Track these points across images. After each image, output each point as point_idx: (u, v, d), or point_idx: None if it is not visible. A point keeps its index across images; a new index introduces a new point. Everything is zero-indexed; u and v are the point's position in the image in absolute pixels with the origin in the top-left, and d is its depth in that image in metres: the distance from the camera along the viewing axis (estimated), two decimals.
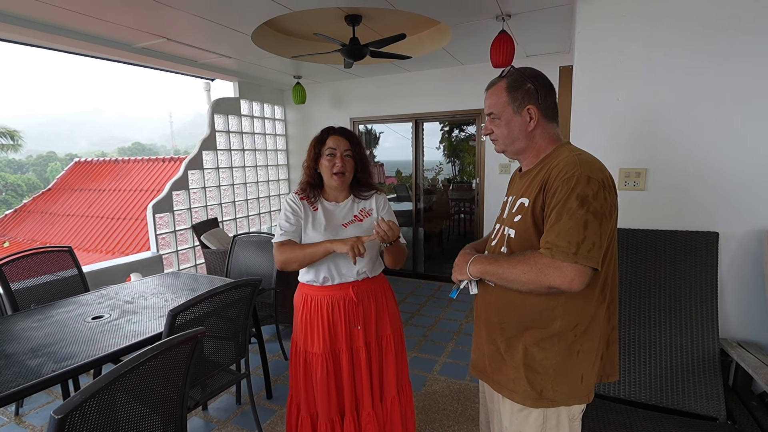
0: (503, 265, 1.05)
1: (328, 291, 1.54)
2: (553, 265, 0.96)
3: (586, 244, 0.94)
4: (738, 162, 1.74)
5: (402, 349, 1.69)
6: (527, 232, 1.06)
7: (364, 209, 1.60)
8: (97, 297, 2.20)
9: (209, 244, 3.66)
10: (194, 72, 4.01)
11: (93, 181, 9.53)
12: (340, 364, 1.55)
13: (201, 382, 1.81)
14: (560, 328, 1.05)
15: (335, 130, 1.58)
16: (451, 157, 4.99)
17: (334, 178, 1.53)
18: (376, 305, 1.59)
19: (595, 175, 0.98)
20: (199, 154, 4.10)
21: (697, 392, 1.68)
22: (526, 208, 1.07)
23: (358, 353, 1.56)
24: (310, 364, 1.55)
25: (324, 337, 1.52)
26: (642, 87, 1.87)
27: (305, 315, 1.56)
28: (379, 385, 1.61)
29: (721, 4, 1.70)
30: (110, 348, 1.59)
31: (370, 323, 1.58)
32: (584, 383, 1.07)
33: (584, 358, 1.07)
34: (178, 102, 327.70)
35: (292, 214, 1.54)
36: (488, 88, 1.17)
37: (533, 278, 0.98)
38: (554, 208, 0.99)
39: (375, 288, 1.60)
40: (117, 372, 1.02)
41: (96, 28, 2.78)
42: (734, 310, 1.81)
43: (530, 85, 1.09)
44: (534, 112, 1.09)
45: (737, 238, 1.77)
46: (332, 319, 1.53)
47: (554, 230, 0.97)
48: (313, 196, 1.58)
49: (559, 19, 2.80)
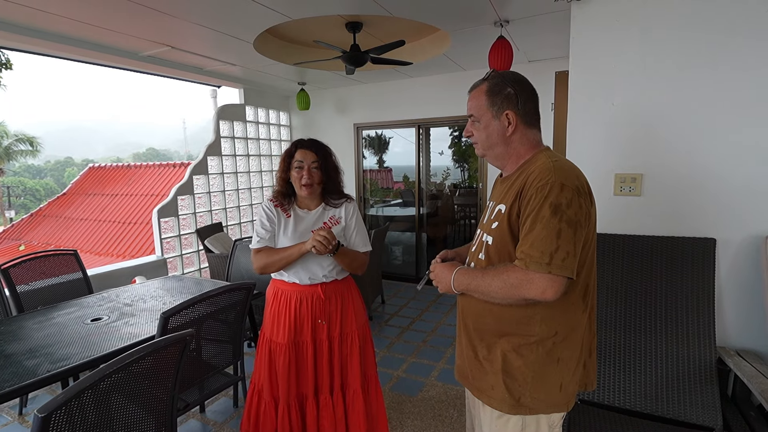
0: (482, 279, 1.04)
1: (298, 288, 1.65)
2: (526, 277, 0.96)
3: (559, 253, 0.94)
4: (735, 167, 1.71)
5: (368, 345, 1.79)
6: (503, 240, 1.06)
7: (333, 217, 1.71)
8: (98, 299, 2.25)
9: (213, 248, 3.71)
10: (201, 79, 4.10)
11: (106, 186, 9.74)
12: (304, 355, 1.66)
13: (197, 384, 1.83)
14: (539, 336, 1.04)
15: (304, 143, 1.67)
16: (460, 161, 4.99)
17: (303, 189, 1.64)
18: (342, 303, 1.71)
19: (569, 182, 0.98)
20: (204, 160, 4.17)
21: (694, 401, 1.65)
22: (502, 214, 1.07)
23: (321, 346, 1.67)
24: (274, 352, 1.66)
25: (289, 329, 1.64)
26: (637, 91, 1.85)
27: (274, 307, 1.69)
28: (340, 376, 1.70)
29: (716, 9, 1.68)
30: (106, 350, 1.62)
31: (336, 320, 1.69)
32: (563, 391, 1.06)
33: (564, 366, 1.06)
34: (191, 108, 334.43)
35: (267, 220, 1.66)
36: (470, 91, 1.17)
37: (509, 292, 0.99)
38: (528, 216, 0.98)
39: (341, 288, 1.72)
40: (102, 372, 1.05)
41: (105, 38, 2.87)
42: (732, 318, 1.78)
43: (510, 90, 1.09)
44: (512, 117, 1.09)
45: (735, 245, 1.74)
46: (299, 313, 1.64)
47: (528, 240, 0.97)
48: (287, 203, 1.69)
49: (558, 25, 2.80)
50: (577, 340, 1.08)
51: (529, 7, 2.47)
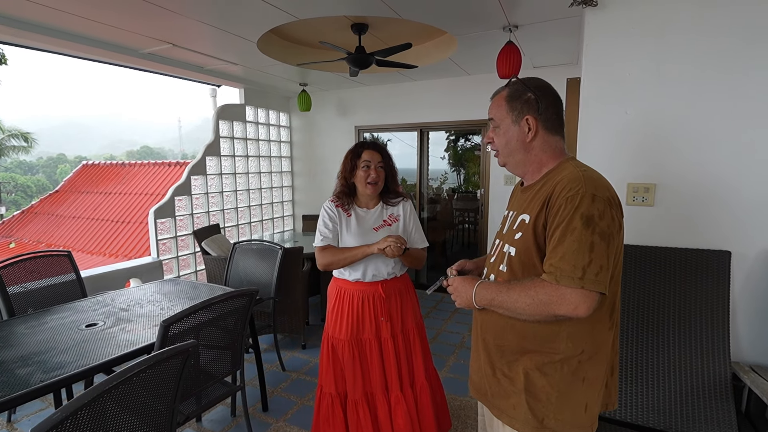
0: (508, 295, 1.00)
1: (359, 286, 1.73)
2: (556, 293, 0.91)
3: (592, 267, 0.89)
4: (751, 178, 1.68)
5: (425, 339, 1.87)
6: (528, 251, 1.01)
7: (392, 215, 1.78)
8: (92, 303, 2.18)
9: (210, 250, 3.63)
10: (200, 78, 4.03)
11: (100, 184, 9.60)
12: (368, 352, 1.72)
13: (195, 394, 1.76)
14: (564, 354, 0.99)
15: (369, 145, 1.76)
16: (456, 166, 4.95)
17: (368, 187, 1.71)
18: (401, 301, 1.78)
19: (600, 193, 0.94)
20: (202, 160, 4.10)
21: (709, 418, 1.61)
22: (526, 225, 1.03)
23: (387, 344, 1.73)
24: (335, 348, 1.74)
25: (351, 326, 1.71)
26: (651, 100, 1.82)
27: (337, 305, 1.76)
28: (408, 371, 1.77)
29: (732, 16, 1.66)
30: (102, 358, 1.55)
31: (396, 317, 1.76)
32: (588, 412, 1.02)
33: (589, 386, 1.02)
34: (186, 107, 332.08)
35: (330, 220, 1.73)
36: (492, 97, 1.16)
37: (538, 309, 0.94)
38: (557, 227, 0.94)
39: (400, 286, 1.79)
40: (101, 388, 0.99)
41: (104, 34, 2.79)
42: (746, 333, 1.74)
43: (530, 95, 1.06)
44: (532, 122, 1.06)
45: (750, 259, 1.71)
46: (361, 311, 1.71)
47: (558, 252, 0.93)
48: (347, 203, 1.76)
49: (567, 31, 2.77)
50: (603, 359, 1.04)
51: (540, 12, 2.44)
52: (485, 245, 4.33)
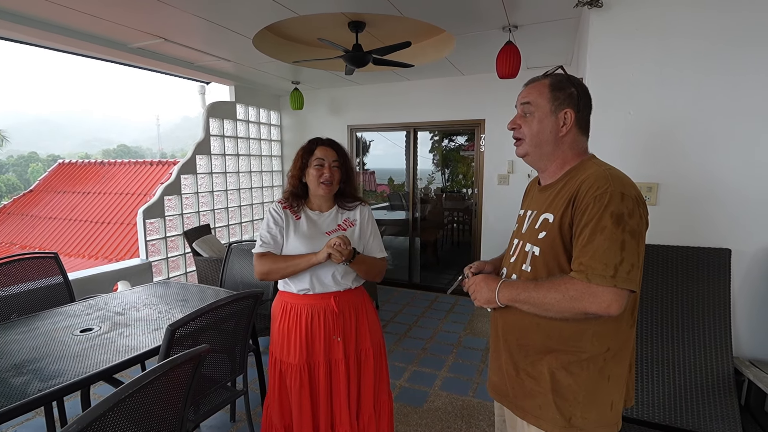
0: (536, 291, 0.98)
1: (308, 300, 1.52)
2: (588, 290, 0.91)
3: (624, 265, 0.89)
4: (751, 178, 1.73)
5: (382, 363, 1.67)
6: (554, 250, 1.01)
7: (347, 219, 1.62)
8: (85, 307, 2.08)
9: (201, 251, 3.54)
10: (190, 74, 3.92)
11: (77, 184, 9.25)
12: (317, 377, 1.52)
13: (198, 400, 1.71)
14: (591, 352, 0.99)
15: (323, 141, 1.61)
16: (441, 166, 4.97)
17: (321, 187, 1.55)
18: (356, 317, 1.58)
19: (628, 191, 0.94)
20: (192, 159, 3.99)
21: (712, 413, 1.65)
22: (551, 224, 1.02)
23: (337, 366, 1.53)
24: (285, 374, 1.53)
25: (300, 348, 1.50)
26: (654, 101, 1.85)
27: (283, 324, 1.54)
28: (356, 400, 1.58)
29: (734, 18, 1.70)
30: (102, 364, 1.48)
31: (351, 336, 1.56)
32: (614, 410, 1.02)
33: (614, 384, 1.02)
34: (165, 105, 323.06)
35: (274, 224, 1.55)
36: (528, 84, 1.11)
37: (568, 305, 0.93)
38: (586, 226, 0.93)
39: (356, 300, 1.59)
40: (116, 397, 0.93)
41: (91, 27, 2.68)
42: (745, 329, 1.79)
43: (574, 90, 1.05)
44: (570, 116, 1.04)
45: (749, 256, 1.76)
46: (311, 329, 1.51)
47: (588, 251, 0.92)
48: (297, 205, 1.59)
49: (563, 32, 2.81)
50: (626, 357, 1.04)
51: (541, 13, 2.46)
52: (480, 245, 4.35)
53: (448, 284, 4.70)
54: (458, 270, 1.35)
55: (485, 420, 2.27)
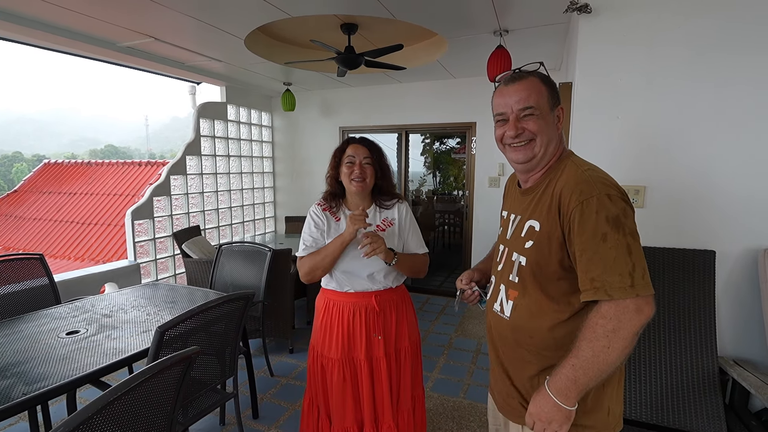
0: (585, 362, 0.87)
1: (350, 298, 1.55)
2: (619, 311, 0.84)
3: (638, 271, 0.84)
4: (734, 182, 1.77)
5: (418, 360, 1.70)
6: (543, 261, 0.97)
7: (386, 219, 1.61)
8: (71, 310, 2.05)
9: (191, 252, 3.50)
10: (180, 74, 3.89)
11: (63, 184, 9.09)
12: (359, 374, 1.55)
13: (185, 404, 1.68)
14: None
15: (355, 140, 1.62)
16: (432, 168, 5.00)
17: (353, 184, 1.55)
18: (397, 316, 1.61)
19: (613, 191, 0.90)
20: (182, 159, 3.95)
21: (698, 411, 1.68)
22: (537, 233, 0.98)
23: (379, 364, 1.55)
24: (326, 368, 1.57)
25: (342, 343, 1.53)
26: (642, 106, 1.89)
27: (325, 319, 1.58)
28: (397, 397, 1.62)
29: (719, 27, 1.74)
30: (89, 367, 1.45)
31: (391, 334, 1.59)
32: (611, 414, 1.02)
33: (609, 389, 1.01)
34: (154, 105, 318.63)
35: (315, 227, 1.58)
36: (513, 82, 1.01)
37: (619, 342, 0.85)
38: (582, 235, 0.88)
39: (396, 298, 1.61)
40: (104, 400, 0.92)
41: (79, 25, 2.64)
42: (729, 329, 1.83)
43: (556, 87, 1.04)
44: (562, 113, 1.02)
45: (733, 257, 1.79)
46: (351, 326, 1.54)
47: (596, 265, 0.86)
48: (335, 205, 1.61)
49: (553, 37, 2.85)
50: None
51: (531, 18, 2.49)
52: (471, 247, 4.38)
53: (440, 286, 4.72)
54: (451, 271, 1.35)
55: (476, 421, 2.28)
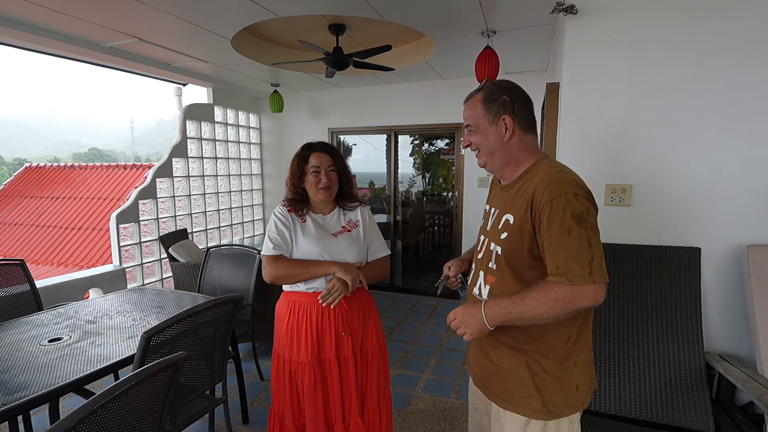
0: (524, 305, 0.99)
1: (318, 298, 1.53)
2: (575, 291, 0.95)
3: (596, 261, 0.96)
4: (718, 179, 1.80)
5: (385, 360, 1.71)
6: (515, 250, 1.06)
7: (351, 221, 1.65)
8: (53, 316, 1.99)
9: (178, 256, 3.44)
10: (166, 75, 3.83)
11: (45, 188, 8.87)
12: (328, 374, 1.55)
13: (173, 411, 1.65)
14: (554, 342, 1.07)
15: (316, 147, 1.61)
16: (421, 170, 5.01)
17: (320, 192, 1.57)
18: (364, 315, 1.62)
19: (579, 191, 1.00)
20: (168, 162, 3.89)
21: (686, 406, 1.70)
22: (511, 225, 1.07)
23: (347, 362, 1.56)
24: (296, 374, 1.54)
25: (312, 345, 1.52)
26: (627, 106, 1.91)
27: (291, 323, 1.55)
28: (362, 395, 1.62)
29: (702, 28, 1.77)
30: (71, 375, 1.41)
31: (358, 333, 1.60)
32: (579, 391, 1.10)
33: (580, 368, 1.09)
34: (140, 107, 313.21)
35: (283, 226, 1.56)
36: (466, 101, 1.18)
37: (562, 308, 0.97)
38: (549, 228, 0.98)
39: (362, 298, 1.63)
40: (87, 409, 0.89)
41: (61, 25, 2.58)
42: (715, 324, 1.86)
43: (506, 97, 1.11)
44: (509, 122, 1.10)
45: (718, 253, 1.83)
46: (320, 326, 1.53)
47: (561, 254, 0.96)
48: (300, 209, 1.60)
49: (540, 38, 2.87)
50: (586, 341, 1.12)
51: (518, 19, 2.51)
52: (461, 247, 4.39)
53: (431, 287, 4.72)
54: (440, 272, 1.37)
55: (468, 420, 2.28)
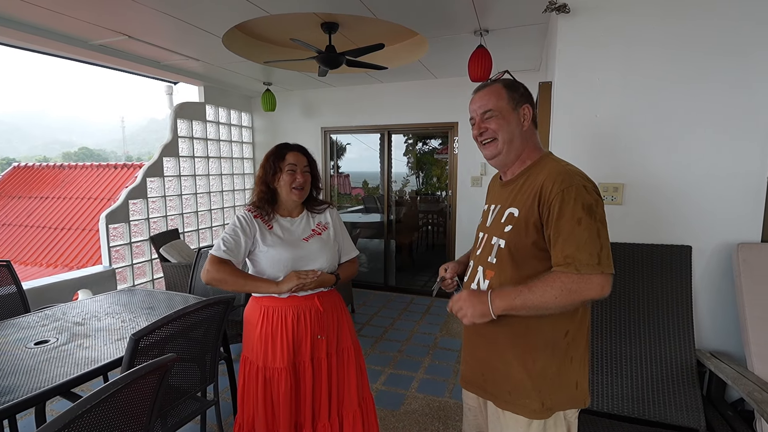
0: (531, 294, 0.98)
1: (294, 302, 1.51)
2: (583, 280, 0.95)
3: (604, 252, 0.96)
4: (708, 178, 1.82)
5: (361, 360, 1.70)
6: (521, 242, 1.05)
7: (320, 223, 1.64)
8: (40, 318, 1.95)
9: (169, 257, 3.41)
10: (156, 74, 3.79)
11: (34, 188, 8.74)
12: (302, 377, 1.52)
13: (163, 413, 1.63)
14: (552, 337, 1.06)
15: (293, 147, 1.62)
16: (415, 169, 5.01)
17: (294, 192, 1.56)
18: (338, 316, 1.62)
19: (588, 184, 1.01)
20: (159, 161, 3.84)
21: (677, 404, 1.71)
22: (516, 218, 1.06)
23: (320, 364, 1.55)
24: (271, 380, 1.49)
25: (288, 350, 1.48)
26: (619, 105, 1.92)
27: (265, 329, 1.50)
28: (337, 397, 1.59)
29: (693, 28, 1.79)
30: (58, 378, 1.38)
31: (332, 334, 1.59)
32: (579, 388, 1.09)
33: (577, 364, 1.09)
34: (131, 106, 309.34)
35: (241, 232, 1.50)
36: (480, 90, 1.17)
37: (569, 298, 0.96)
38: (560, 218, 0.98)
39: (336, 299, 1.64)
40: (73, 413, 0.87)
41: (49, 22, 2.54)
42: (706, 322, 1.87)
43: (523, 90, 1.14)
44: (529, 111, 1.11)
45: (708, 252, 1.84)
46: (297, 330, 1.50)
47: (570, 244, 0.96)
48: (267, 213, 1.56)
49: (532, 38, 2.88)
50: (584, 338, 1.11)
51: (510, 18, 2.51)
52: (454, 246, 4.39)
53: (424, 286, 4.72)
54: (434, 271, 1.37)
55: (462, 420, 2.27)
